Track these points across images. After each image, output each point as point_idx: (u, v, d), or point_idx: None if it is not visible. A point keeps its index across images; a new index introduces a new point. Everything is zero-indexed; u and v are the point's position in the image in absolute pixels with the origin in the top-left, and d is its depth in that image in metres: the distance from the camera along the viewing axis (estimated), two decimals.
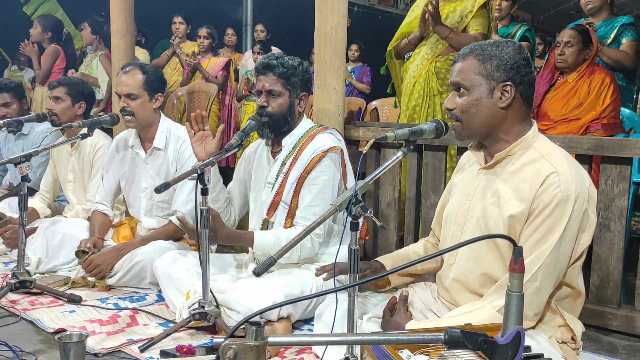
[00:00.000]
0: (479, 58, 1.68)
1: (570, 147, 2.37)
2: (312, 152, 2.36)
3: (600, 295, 2.42)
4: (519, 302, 1.02)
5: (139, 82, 2.77)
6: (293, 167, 2.39)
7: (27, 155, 2.48)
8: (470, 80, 1.68)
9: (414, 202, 2.97)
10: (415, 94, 3.35)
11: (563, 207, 1.58)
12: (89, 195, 3.21)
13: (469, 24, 3.27)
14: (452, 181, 1.97)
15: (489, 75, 1.67)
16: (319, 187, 2.35)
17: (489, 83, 1.67)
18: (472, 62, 1.69)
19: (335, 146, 2.38)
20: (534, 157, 1.67)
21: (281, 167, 2.43)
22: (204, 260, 2.09)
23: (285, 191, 2.40)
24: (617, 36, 3.64)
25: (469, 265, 1.77)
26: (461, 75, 1.70)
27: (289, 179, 2.39)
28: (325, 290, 1.70)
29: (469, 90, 1.69)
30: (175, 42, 5.33)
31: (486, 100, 1.67)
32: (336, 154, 2.38)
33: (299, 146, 2.41)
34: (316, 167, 2.34)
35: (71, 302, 2.54)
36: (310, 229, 1.55)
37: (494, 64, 1.66)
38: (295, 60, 2.42)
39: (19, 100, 3.76)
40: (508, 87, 1.66)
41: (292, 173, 2.39)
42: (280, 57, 2.41)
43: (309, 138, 2.41)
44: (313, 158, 2.34)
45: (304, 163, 2.36)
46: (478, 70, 1.68)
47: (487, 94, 1.67)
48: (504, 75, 1.66)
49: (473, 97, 1.68)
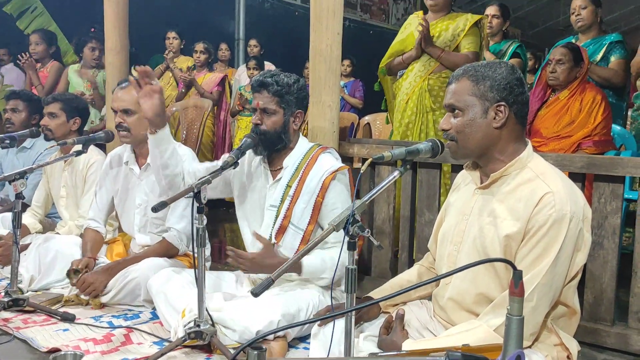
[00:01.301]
0: (473, 79, 1.70)
1: (563, 165, 2.39)
2: (320, 174, 2.37)
3: (594, 313, 2.43)
4: (519, 325, 1.03)
5: (135, 98, 2.77)
6: (300, 190, 2.39)
7: (21, 172, 2.48)
8: (464, 101, 1.71)
9: (409, 219, 2.98)
10: (408, 111, 3.38)
11: (558, 226, 1.59)
12: (81, 211, 3.20)
13: (461, 42, 3.31)
14: (448, 200, 1.98)
15: (482, 96, 1.69)
16: (339, 207, 2.35)
17: (483, 103, 1.69)
18: (465, 83, 1.71)
19: (342, 166, 2.41)
20: (529, 177, 1.69)
21: (286, 190, 2.41)
22: (200, 278, 2.09)
23: (296, 216, 2.39)
24: (606, 54, 3.70)
25: (465, 285, 1.78)
26: (455, 96, 1.73)
27: (299, 204, 2.38)
28: (323, 316, 1.72)
29: (463, 111, 1.71)
30: (168, 57, 5.35)
31: (480, 120, 1.69)
32: (343, 174, 2.41)
33: (302, 167, 2.41)
34: (330, 191, 2.36)
35: (65, 321, 2.52)
36: (308, 250, 1.56)
37: (487, 85, 1.69)
38: (291, 77, 2.43)
39: (30, 113, 3.73)
40: (502, 107, 1.68)
41: (301, 197, 2.38)
42: (275, 74, 2.42)
43: (312, 159, 2.42)
44: (324, 181, 2.35)
45: (314, 187, 2.36)
46: (472, 91, 1.70)
47: (481, 114, 1.69)
48: (497, 96, 1.68)
49: (467, 118, 1.70)
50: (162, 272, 2.49)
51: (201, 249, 2.10)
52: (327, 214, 2.37)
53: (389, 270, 3.03)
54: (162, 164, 2.39)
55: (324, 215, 2.38)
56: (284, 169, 2.44)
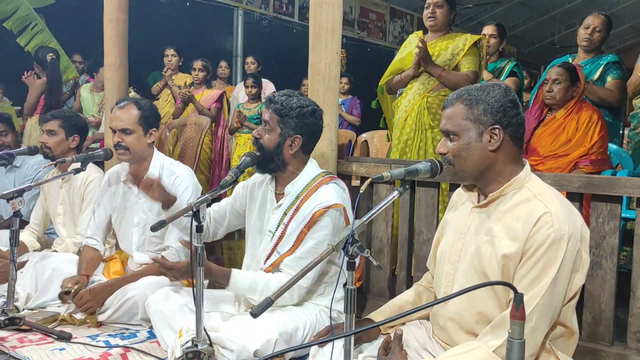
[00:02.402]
0: (466, 103, 1.72)
1: (561, 185, 2.40)
2: (313, 206, 2.30)
3: (593, 333, 2.42)
4: (520, 349, 1.03)
5: (134, 117, 2.78)
6: (293, 218, 2.35)
7: (19, 190, 2.48)
8: (459, 125, 1.72)
9: (407, 238, 2.97)
10: (407, 129, 3.39)
11: (557, 247, 1.60)
12: (79, 228, 3.19)
13: (461, 61, 3.33)
14: (445, 219, 1.99)
15: (476, 120, 1.70)
16: (315, 241, 2.30)
17: (478, 127, 1.70)
18: (459, 107, 1.73)
19: (337, 204, 2.31)
20: (526, 197, 1.70)
21: (282, 217, 2.39)
22: (198, 298, 2.08)
23: (282, 242, 2.36)
24: (603, 74, 3.72)
25: (463, 304, 1.78)
26: (450, 121, 1.74)
27: (288, 230, 2.35)
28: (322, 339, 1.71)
29: (458, 136, 1.73)
30: (167, 74, 5.37)
31: (475, 144, 1.71)
32: (338, 211, 2.32)
33: (301, 197, 2.36)
34: (317, 223, 2.30)
35: (61, 340, 2.50)
36: (306, 271, 1.56)
37: (480, 109, 1.70)
38: (300, 101, 2.36)
39: (13, 131, 3.77)
40: (496, 130, 1.69)
41: (291, 224, 2.34)
42: (287, 95, 2.37)
43: (312, 190, 2.36)
44: (314, 214, 2.29)
45: (304, 216, 2.31)
46: (466, 115, 1.71)
47: (476, 137, 1.71)
48: (491, 119, 1.69)
49: (463, 142, 1.72)
50: (160, 291, 2.47)
51: (199, 267, 2.09)
52: (305, 246, 2.31)
53: (387, 289, 3.02)
54: (185, 227, 2.51)
55: (304, 247, 2.32)
56: (285, 196, 2.41)
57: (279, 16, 8.91)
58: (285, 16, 9.03)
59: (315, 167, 2.48)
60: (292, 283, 1.54)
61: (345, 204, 2.37)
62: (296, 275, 1.55)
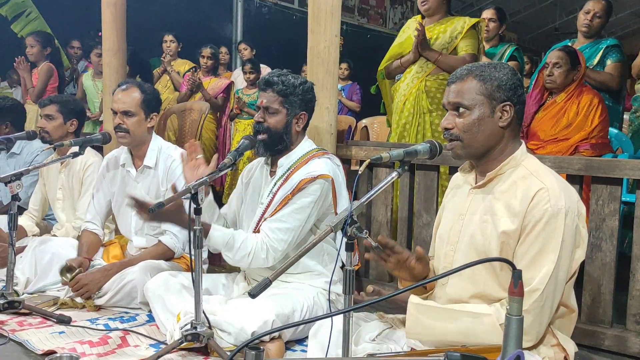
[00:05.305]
0: (480, 78, 1.71)
1: (561, 168, 2.39)
2: (301, 176, 2.33)
3: (592, 315, 2.43)
4: (519, 325, 1.02)
5: (136, 100, 2.77)
6: (281, 187, 2.38)
7: (17, 174, 2.47)
8: (472, 99, 1.71)
9: (407, 221, 2.97)
10: (406, 112, 3.38)
11: (555, 221, 1.60)
12: (78, 213, 3.18)
13: (459, 44, 3.31)
14: (444, 202, 1.98)
15: (490, 95, 1.70)
16: (296, 206, 2.31)
17: (490, 103, 1.70)
18: (472, 82, 1.72)
19: (325, 174, 2.33)
20: (523, 174, 1.70)
21: (272, 187, 2.42)
22: (197, 281, 2.08)
23: (269, 209, 2.38)
24: (602, 58, 3.70)
25: (462, 284, 1.77)
26: (461, 95, 1.72)
27: (275, 199, 2.37)
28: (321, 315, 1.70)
29: (470, 110, 1.71)
30: (166, 60, 5.33)
31: (488, 119, 1.71)
32: (326, 181, 2.34)
33: (292, 168, 2.40)
34: (302, 190, 2.31)
35: (60, 323, 2.50)
36: (306, 250, 1.55)
37: (494, 85, 1.70)
38: (298, 79, 2.42)
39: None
40: (507, 106, 1.70)
41: (279, 192, 2.37)
42: (283, 74, 2.41)
43: (303, 162, 2.39)
44: (300, 182, 2.31)
45: (291, 185, 2.34)
46: (479, 90, 1.71)
47: (489, 113, 1.70)
48: (504, 96, 1.70)
49: (475, 116, 1.71)
50: (159, 275, 2.48)
51: (198, 250, 2.09)
52: (286, 209, 2.32)
53: (386, 273, 3.02)
54: None
55: (284, 210, 2.33)
56: (278, 168, 2.44)
57: (278, 2, 8.85)
58: (285, 2, 8.97)
59: (310, 143, 2.51)
60: (290, 263, 1.53)
61: (335, 177, 2.39)
62: (296, 255, 1.54)
